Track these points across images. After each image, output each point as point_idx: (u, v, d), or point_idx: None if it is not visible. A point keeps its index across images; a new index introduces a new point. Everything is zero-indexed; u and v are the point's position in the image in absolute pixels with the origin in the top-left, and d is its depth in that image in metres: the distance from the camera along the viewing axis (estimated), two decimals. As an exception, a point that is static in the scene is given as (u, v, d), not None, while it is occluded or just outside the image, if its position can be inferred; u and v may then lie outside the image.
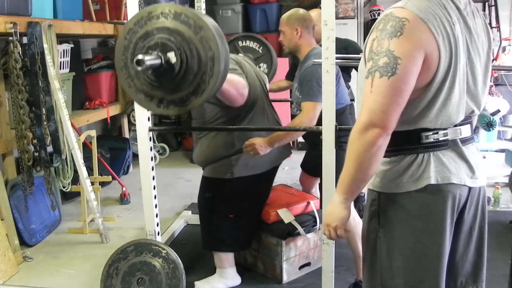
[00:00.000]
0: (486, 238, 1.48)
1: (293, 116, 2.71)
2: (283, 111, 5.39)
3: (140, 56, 1.55)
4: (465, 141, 1.40)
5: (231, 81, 2.05)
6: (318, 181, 2.73)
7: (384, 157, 1.34)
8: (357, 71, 1.68)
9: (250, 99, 2.39)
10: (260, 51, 3.23)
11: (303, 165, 2.99)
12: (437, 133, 1.35)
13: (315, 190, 2.98)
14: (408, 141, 1.36)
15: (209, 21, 1.66)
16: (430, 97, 1.31)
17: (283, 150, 2.66)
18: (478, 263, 1.47)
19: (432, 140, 1.35)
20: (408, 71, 1.24)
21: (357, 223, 2.39)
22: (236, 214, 2.57)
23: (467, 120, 1.41)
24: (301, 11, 2.66)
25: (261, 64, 3.23)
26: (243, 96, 2.28)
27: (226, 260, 2.63)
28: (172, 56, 1.63)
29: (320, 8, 2.05)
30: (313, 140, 2.54)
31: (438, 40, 1.26)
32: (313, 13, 3.02)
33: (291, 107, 3.01)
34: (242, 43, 3.21)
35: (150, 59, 1.59)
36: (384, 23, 1.29)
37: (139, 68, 1.55)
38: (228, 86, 2.02)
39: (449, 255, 1.40)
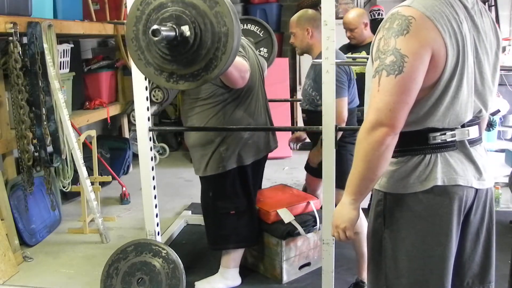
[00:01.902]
0: (494, 240, 1.48)
1: (303, 110, 2.72)
2: (283, 111, 5.42)
3: (156, 26, 1.53)
4: (473, 142, 1.40)
5: (235, 62, 2.01)
6: None
7: (391, 157, 1.33)
8: None
9: (247, 85, 2.39)
10: (261, 35, 3.22)
11: (307, 167, 2.99)
12: (444, 133, 1.34)
13: (321, 192, 2.98)
14: (416, 142, 1.35)
15: None
16: (438, 95, 1.31)
17: (270, 141, 2.66)
18: (485, 264, 1.47)
19: (439, 141, 1.34)
20: (415, 69, 1.24)
21: (362, 223, 2.39)
22: (237, 210, 2.57)
23: (475, 121, 1.40)
24: (310, 11, 2.67)
25: (262, 48, 3.22)
26: (244, 79, 2.28)
27: (233, 260, 2.63)
28: (186, 30, 1.62)
29: (320, 8, 2.05)
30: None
31: (445, 38, 1.26)
32: (352, 13, 3.33)
33: (291, 108, 3.02)
34: (243, 26, 3.18)
35: (166, 30, 1.57)
36: (391, 22, 1.29)
37: (155, 39, 1.53)
38: (231, 67, 1.99)
39: (456, 256, 1.40)
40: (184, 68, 1.72)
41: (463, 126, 1.36)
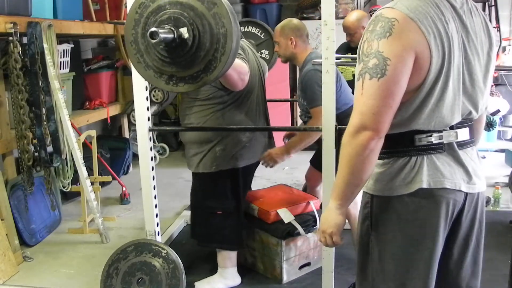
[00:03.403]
0: (483, 246, 1.45)
1: (303, 123, 2.77)
2: (282, 111, 5.42)
3: (154, 28, 1.54)
4: (463, 145, 1.37)
5: (234, 64, 2.01)
6: None
7: (378, 159, 1.32)
8: None
9: (246, 87, 2.39)
10: (262, 37, 3.24)
11: (313, 160, 3.00)
12: (430, 135, 1.32)
13: (320, 188, 2.99)
14: (402, 144, 1.33)
15: None
16: (422, 97, 1.28)
17: (267, 146, 2.66)
18: (473, 271, 1.45)
19: (425, 143, 1.32)
20: (398, 72, 1.22)
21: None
22: (224, 210, 2.55)
23: (465, 123, 1.37)
24: (294, 20, 2.72)
25: (263, 50, 3.24)
26: (243, 81, 2.28)
27: (229, 260, 2.62)
28: (184, 32, 1.62)
29: (320, 8, 2.05)
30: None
31: (429, 40, 1.23)
32: (352, 16, 3.31)
33: (291, 108, 3.06)
34: (244, 28, 3.19)
35: (164, 32, 1.57)
36: (374, 24, 1.27)
37: (153, 41, 1.53)
38: (230, 69, 1.98)
39: (444, 262, 1.38)
40: (184, 70, 1.72)
41: (451, 128, 1.34)
